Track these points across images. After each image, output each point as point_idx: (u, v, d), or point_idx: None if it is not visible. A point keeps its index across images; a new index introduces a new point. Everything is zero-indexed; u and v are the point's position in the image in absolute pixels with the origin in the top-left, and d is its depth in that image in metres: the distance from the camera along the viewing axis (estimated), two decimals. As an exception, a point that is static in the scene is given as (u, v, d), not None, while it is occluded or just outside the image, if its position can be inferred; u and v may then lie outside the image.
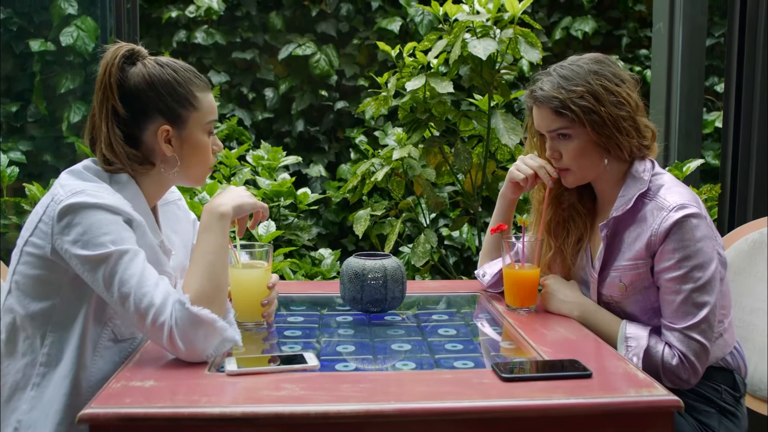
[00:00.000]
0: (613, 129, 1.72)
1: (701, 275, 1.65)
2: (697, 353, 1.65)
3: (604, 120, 1.71)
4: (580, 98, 1.71)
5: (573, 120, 1.72)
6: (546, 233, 1.90)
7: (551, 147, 1.80)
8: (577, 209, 1.89)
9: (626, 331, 1.70)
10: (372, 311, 1.85)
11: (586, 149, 1.76)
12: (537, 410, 1.24)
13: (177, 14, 4.17)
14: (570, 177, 1.81)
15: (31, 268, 1.50)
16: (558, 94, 1.72)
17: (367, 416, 1.21)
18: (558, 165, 1.81)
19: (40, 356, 1.50)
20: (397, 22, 4.20)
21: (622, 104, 1.73)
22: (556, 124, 1.75)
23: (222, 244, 1.50)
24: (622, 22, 4.48)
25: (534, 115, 1.81)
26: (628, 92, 1.75)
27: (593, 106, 1.71)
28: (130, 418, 1.18)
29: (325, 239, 4.14)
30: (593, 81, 1.72)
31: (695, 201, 1.70)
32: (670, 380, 1.66)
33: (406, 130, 2.98)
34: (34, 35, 3.54)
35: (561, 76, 1.75)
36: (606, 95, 1.72)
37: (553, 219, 1.90)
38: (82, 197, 1.44)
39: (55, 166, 3.52)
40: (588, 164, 1.78)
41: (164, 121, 1.57)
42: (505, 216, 2.01)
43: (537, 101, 1.78)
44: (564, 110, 1.72)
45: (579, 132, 1.74)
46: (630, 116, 1.74)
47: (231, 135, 3.92)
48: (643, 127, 1.77)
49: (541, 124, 1.79)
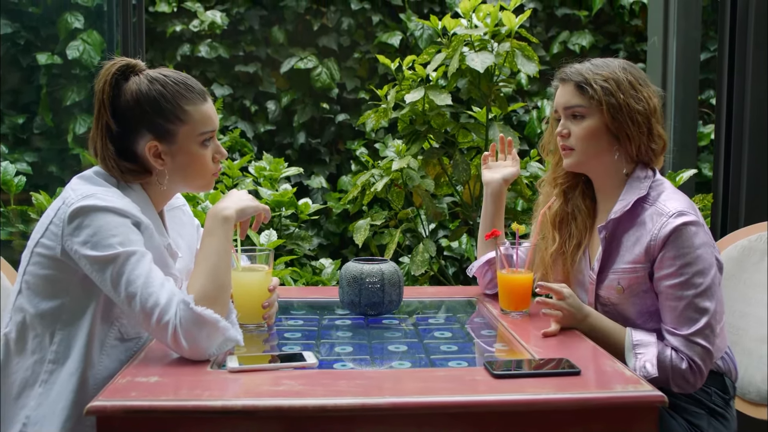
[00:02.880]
0: (627, 118, 1.79)
1: (702, 281, 1.70)
2: (703, 357, 1.70)
3: (620, 106, 1.78)
4: (604, 81, 1.79)
5: (591, 99, 1.80)
6: (551, 226, 1.96)
7: (563, 125, 1.86)
8: (579, 208, 1.94)
9: (633, 338, 1.74)
10: (370, 314, 1.90)
11: (597, 132, 1.81)
12: (526, 405, 1.29)
13: (181, 28, 4.24)
14: (571, 157, 1.86)
15: (42, 268, 1.56)
16: (585, 73, 1.82)
17: (362, 410, 1.26)
18: (563, 143, 1.86)
19: (49, 354, 1.56)
20: (398, 36, 4.27)
21: (640, 100, 1.80)
22: (576, 100, 1.82)
23: (225, 247, 1.55)
24: (619, 37, 4.55)
25: (557, 94, 1.88)
26: (649, 94, 1.83)
27: (614, 90, 1.78)
28: (136, 411, 1.23)
29: (326, 250, 4.19)
30: (620, 72, 1.81)
31: (693, 209, 1.75)
32: (678, 384, 1.70)
33: (406, 142, 3.04)
34: (41, 49, 3.61)
35: (593, 63, 1.85)
36: (628, 87, 1.80)
37: (558, 214, 1.96)
38: (92, 200, 1.50)
39: (61, 177, 3.57)
40: (593, 149, 1.83)
41: (152, 137, 1.62)
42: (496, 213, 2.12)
43: (564, 77, 1.86)
44: (586, 86, 1.80)
45: (594, 113, 1.81)
46: (645, 114, 1.80)
47: (233, 147, 3.99)
48: (655, 132, 1.83)
49: (561, 100, 1.86)
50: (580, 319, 1.75)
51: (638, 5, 4.46)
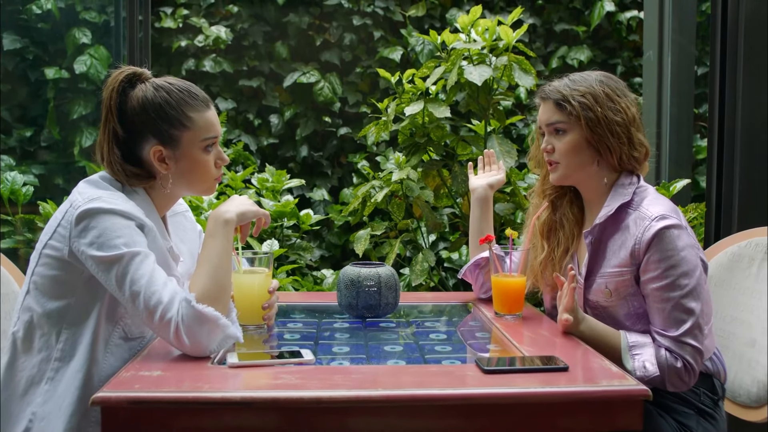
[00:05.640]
0: (606, 130, 1.85)
1: (687, 282, 1.75)
2: (694, 356, 1.74)
3: (598, 119, 1.84)
4: (581, 96, 1.86)
5: (570, 114, 1.86)
6: (540, 236, 2.02)
7: (547, 141, 1.93)
8: (567, 216, 2.00)
9: (629, 340, 1.79)
10: (367, 317, 1.95)
11: (579, 146, 1.88)
12: (513, 398, 1.34)
13: (186, 43, 4.33)
14: (557, 171, 1.92)
15: (49, 269, 1.62)
16: (563, 90, 1.88)
17: (356, 401, 1.31)
18: (549, 158, 1.93)
19: (55, 352, 1.61)
20: (399, 51, 4.34)
21: (618, 111, 1.86)
22: (556, 116, 1.89)
23: (226, 248, 1.61)
24: (617, 52, 4.62)
25: (540, 112, 1.96)
26: (627, 104, 1.89)
27: (591, 105, 1.85)
28: (139, 401, 1.28)
29: (327, 261, 4.24)
30: (597, 86, 1.88)
31: (675, 213, 1.80)
32: (674, 383, 1.75)
33: (406, 154, 3.09)
34: (49, 63, 3.69)
35: (570, 79, 1.92)
36: (605, 100, 1.86)
37: (546, 223, 2.02)
38: (98, 203, 1.56)
39: (67, 189, 3.63)
40: (577, 162, 1.89)
41: (157, 142, 1.68)
42: (483, 218, 2.19)
43: (543, 96, 1.93)
44: (564, 103, 1.87)
45: (574, 128, 1.87)
46: (624, 124, 1.86)
47: (237, 159, 4.05)
48: (636, 140, 1.89)
49: (543, 117, 1.93)
50: (575, 323, 1.79)
51: (635, 21, 4.53)
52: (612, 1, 4.49)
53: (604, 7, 4.45)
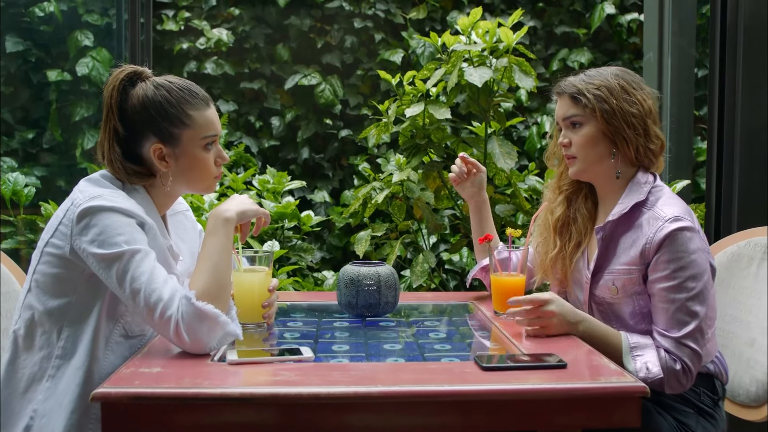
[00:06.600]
0: (622, 121, 1.85)
1: (695, 285, 1.75)
2: (692, 359, 1.75)
3: (614, 111, 1.85)
4: (596, 89, 1.87)
5: (586, 107, 1.87)
6: (552, 231, 2.02)
7: (564, 135, 1.94)
8: (581, 211, 2.00)
9: (630, 341, 1.79)
10: (367, 315, 1.96)
11: (595, 139, 1.88)
12: (512, 394, 1.35)
13: (188, 46, 4.34)
14: (574, 165, 1.93)
15: (51, 267, 1.63)
16: (578, 84, 1.90)
17: (354, 397, 1.32)
18: (566, 152, 1.94)
19: (56, 350, 1.62)
20: (400, 53, 4.35)
21: (634, 103, 1.87)
22: (572, 110, 1.90)
23: (226, 247, 1.62)
24: (618, 54, 4.62)
25: (557, 107, 1.96)
26: (643, 96, 1.89)
27: (606, 97, 1.86)
28: (139, 397, 1.29)
29: (328, 263, 4.25)
30: (612, 79, 1.89)
31: (689, 215, 1.81)
32: (671, 385, 1.75)
33: (406, 156, 3.10)
34: (51, 66, 3.70)
35: (586, 74, 1.93)
36: (620, 92, 1.87)
37: (560, 219, 2.02)
38: (99, 201, 1.57)
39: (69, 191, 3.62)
40: (594, 155, 1.90)
41: (157, 140, 1.70)
42: (483, 218, 2.21)
43: (559, 91, 1.94)
44: (579, 96, 1.88)
45: (590, 121, 1.88)
46: (641, 116, 1.87)
47: (238, 161, 4.06)
48: (652, 133, 1.89)
49: (560, 112, 1.94)
50: (573, 323, 1.78)
51: (636, 23, 4.54)
52: (612, 4, 4.50)
53: (604, 10, 4.45)
